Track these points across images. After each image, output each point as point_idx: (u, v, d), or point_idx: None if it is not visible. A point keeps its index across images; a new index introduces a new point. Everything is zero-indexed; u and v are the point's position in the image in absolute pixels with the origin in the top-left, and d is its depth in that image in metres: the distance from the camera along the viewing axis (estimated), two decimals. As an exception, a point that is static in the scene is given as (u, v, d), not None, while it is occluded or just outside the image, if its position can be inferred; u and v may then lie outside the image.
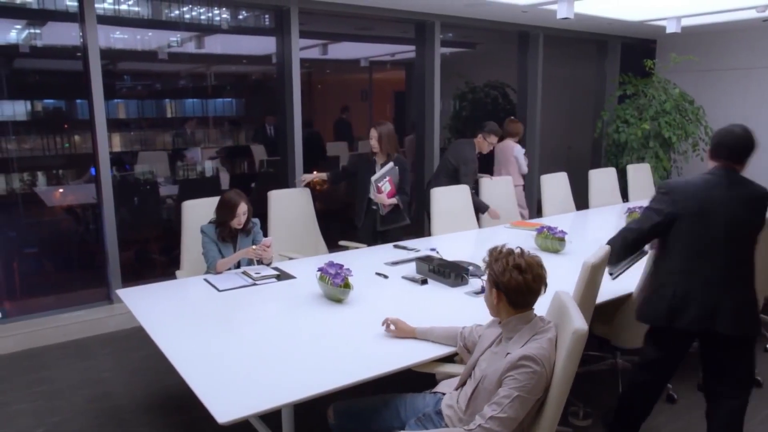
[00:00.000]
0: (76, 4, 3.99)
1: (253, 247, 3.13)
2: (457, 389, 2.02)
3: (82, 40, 3.98)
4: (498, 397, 1.76)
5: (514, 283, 1.84)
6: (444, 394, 2.09)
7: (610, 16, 5.51)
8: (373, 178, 3.80)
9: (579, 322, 1.78)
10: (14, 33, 4.36)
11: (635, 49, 7.28)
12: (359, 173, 3.99)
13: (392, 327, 2.28)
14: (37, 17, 4.27)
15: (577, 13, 4.75)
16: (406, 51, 6.54)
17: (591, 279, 2.32)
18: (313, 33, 5.70)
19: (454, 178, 4.57)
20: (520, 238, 4.02)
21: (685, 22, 5.58)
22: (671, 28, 5.39)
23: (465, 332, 2.19)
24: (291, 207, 3.94)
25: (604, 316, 2.94)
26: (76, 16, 4.02)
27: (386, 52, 7.10)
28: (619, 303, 2.85)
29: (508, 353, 1.83)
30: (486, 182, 4.70)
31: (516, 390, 1.74)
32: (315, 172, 4.21)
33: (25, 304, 4.28)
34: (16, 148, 4.52)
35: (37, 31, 4.36)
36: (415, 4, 5.06)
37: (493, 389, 1.80)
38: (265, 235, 3.30)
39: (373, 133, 3.87)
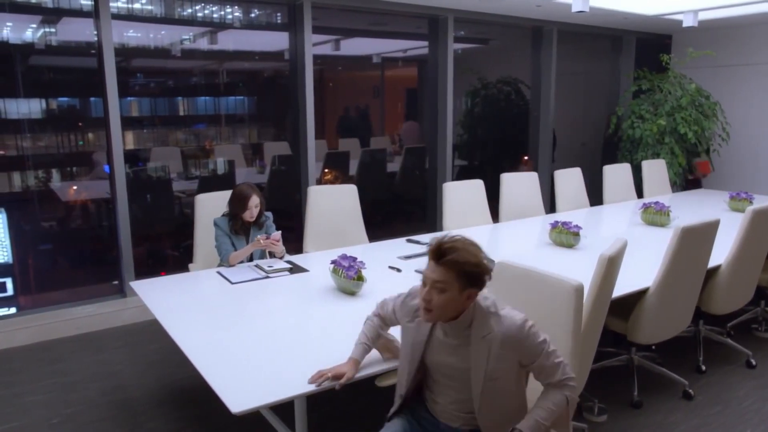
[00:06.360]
0: (90, 2, 4.02)
1: (260, 236, 3.13)
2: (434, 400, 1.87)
3: (96, 37, 4.01)
4: (549, 362, 1.72)
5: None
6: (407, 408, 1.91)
7: (626, 10, 5.45)
8: None
9: (574, 281, 1.94)
10: (30, 32, 4.39)
11: (650, 45, 7.20)
12: None
13: (333, 381, 1.87)
14: (52, 15, 4.29)
15: (592, 7, 4.71)
16: (418, 47, 6.52)
17: (608, 272, 2.28)
18: (326, 29, 5.70)
19: None
20: (533, 233, 3.99)
21: (702, 16, 5.50)
22: (688, 22, 5.31)
23: (381, 321, 2.00)
24: (333, 202, 3.86)
25: (620, 310, 2.91)
26: (91, 14, 4.05)
27: (398, 48, 7.08)
28: (635, 297, 2.81)
29: (485, 337, 1.71)
30: (507, 177, 4.56)
31: (547, 345, 1.72)
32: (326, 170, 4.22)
33: (40, 297, 4.31)
34: (31, 145, 4.56)
35: (52, 29, 4.39)
36: (428, -1, 5.04)
37: (513, 377, 1.75)
38: (278, 228, 3.30)
39: None
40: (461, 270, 1.65)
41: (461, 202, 4.20)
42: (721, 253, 3.16)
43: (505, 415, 1.78)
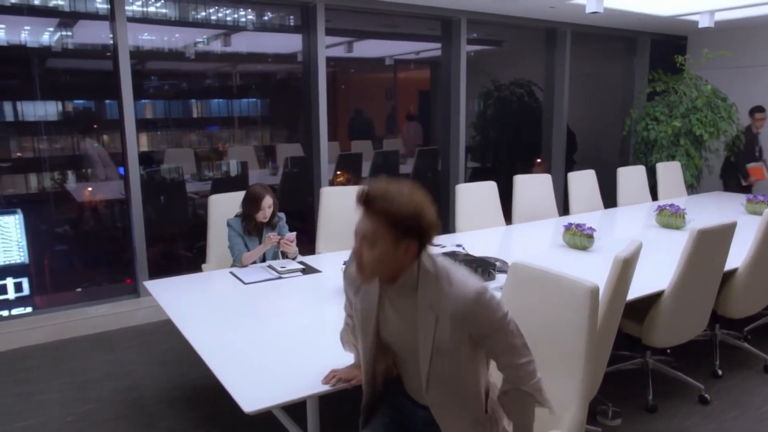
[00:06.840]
0: (106, 6, 4.06)
1: (270, 234, 3.13)
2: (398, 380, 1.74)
3: (112, 40, 4.05)
4: (505, 341, 1.51)
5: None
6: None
7: (641, 11, 5.40)
8: None
9: (589, 283, 1.87)
10: (47, 35, 4.44)
11: (665, 47, 7.14)
12: None
13: (345, 382, 1.85)
14: (68, 18, 4.35)
15: (607, 8, 4.67)
16: (431, 49, 6.52)
17: (623, 274, 2.26)
18: (339, 30, 5.72)
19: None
20: (546, 235, 3.97)
21: (719, 16, 5.44)
22: (704, 22, 5.25)
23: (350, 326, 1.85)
24: (346, 204, 3.84)
25: (635, 313, 2.87)
26: (107, 17, 4.09)
27: (411, 51, 7.09)
28: (651, 300, 2.78)
29: (432, 305, 1.48)
30: (520, 179, 4.53)
31: (506, 322, 1.49)
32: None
33: (55, 297, 4.35)
34: (48, 147, 4.62)
35: (69, 32, 4.44)
36: (442, 1, 5.03)
37: (465, 352, 1.52)
38: (291, 230, 3.31)
39: None
40: (393, 220, 1.42)
41: (474, 203, 4.18)
42: (738, 256, 3.11)
43: (456, 395, 1.59)
